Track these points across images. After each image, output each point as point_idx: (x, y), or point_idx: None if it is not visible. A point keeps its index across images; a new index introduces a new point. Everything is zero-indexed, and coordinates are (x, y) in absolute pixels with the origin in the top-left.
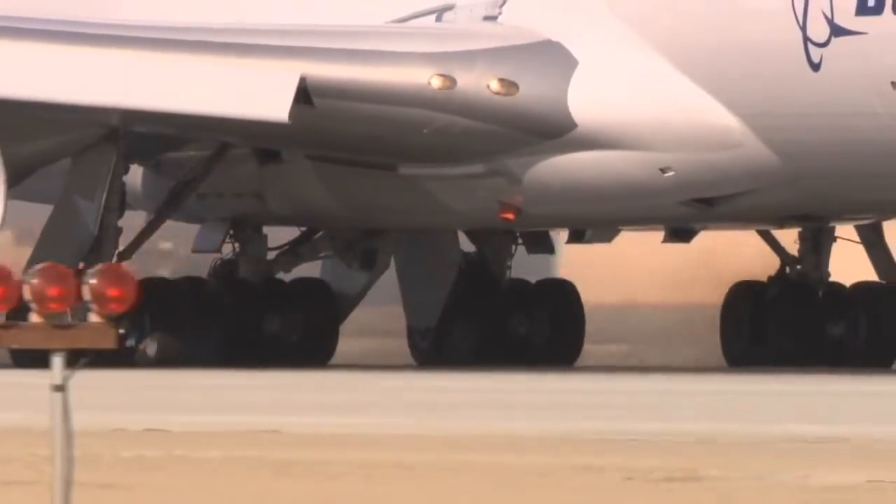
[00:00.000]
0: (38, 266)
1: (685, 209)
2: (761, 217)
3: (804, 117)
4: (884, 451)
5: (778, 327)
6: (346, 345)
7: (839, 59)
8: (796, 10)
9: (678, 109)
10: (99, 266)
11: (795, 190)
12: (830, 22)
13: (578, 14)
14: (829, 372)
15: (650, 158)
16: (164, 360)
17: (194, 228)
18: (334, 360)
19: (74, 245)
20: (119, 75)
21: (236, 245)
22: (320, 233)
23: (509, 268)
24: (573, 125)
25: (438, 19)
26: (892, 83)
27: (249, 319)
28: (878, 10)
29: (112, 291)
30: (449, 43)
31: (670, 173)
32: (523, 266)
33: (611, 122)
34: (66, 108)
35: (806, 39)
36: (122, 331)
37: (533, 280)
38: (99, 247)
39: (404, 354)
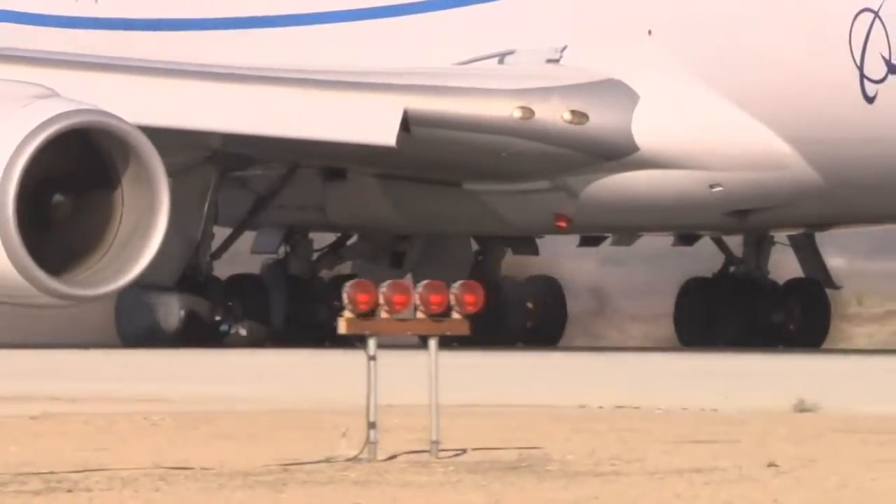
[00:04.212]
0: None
1: (722, 219)
2: (783, 225)
3: (854, 142)
4: None
5: (727, 315)
6: None
7: (895, 93)
8: (854, 51)
9: (729, 135)
10: None
11: (825, 205)
12: (888, 62)
13: (635, 56)
14: (763, 351)
15: (702, 176)
16: (252, 341)
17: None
18: None
19: (182, 247)
20: (232, 105)
21: (287, 247)
22: (354, 237)
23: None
24: (636, 148)
25: (500, 62)
26: None
27: (302, 308)
28: None
29: None
30: (527, 81)
31: (718, 189)
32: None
33: (668, 145)
34: (198, 133)
35: (863, 76)
36: (217, 318)
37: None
38: (197, 249)
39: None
